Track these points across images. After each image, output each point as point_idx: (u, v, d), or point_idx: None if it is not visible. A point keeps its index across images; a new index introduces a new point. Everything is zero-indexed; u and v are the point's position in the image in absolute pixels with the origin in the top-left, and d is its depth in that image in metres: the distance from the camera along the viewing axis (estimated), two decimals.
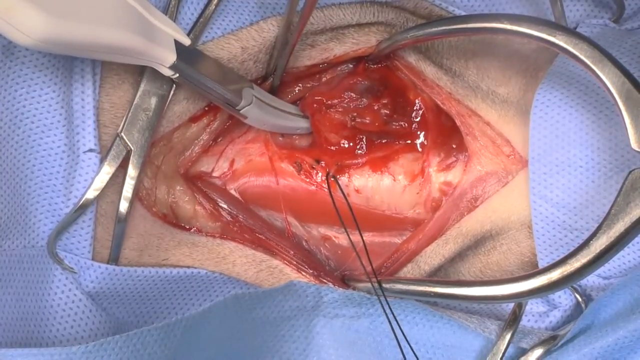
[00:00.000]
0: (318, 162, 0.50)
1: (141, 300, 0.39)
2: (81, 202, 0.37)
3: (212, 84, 0.39)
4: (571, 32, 0.35)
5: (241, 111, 0.41)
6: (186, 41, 0.37)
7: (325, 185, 0.49)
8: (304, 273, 0.44)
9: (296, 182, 0.50)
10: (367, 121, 0.49)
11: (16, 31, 0.27)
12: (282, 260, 0.44)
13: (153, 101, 0.39)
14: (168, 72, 0.37)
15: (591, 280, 0.41)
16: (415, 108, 0.49)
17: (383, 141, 0.50)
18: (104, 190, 0.37)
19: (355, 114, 0.49)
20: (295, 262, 0.44)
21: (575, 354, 0.37)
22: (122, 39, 0.32)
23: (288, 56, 0.42)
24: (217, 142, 0.49)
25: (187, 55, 0.37)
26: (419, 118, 0.49)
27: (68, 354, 0.30)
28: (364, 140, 0.50)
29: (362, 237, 0.43)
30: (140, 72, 0.39)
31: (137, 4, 0.33)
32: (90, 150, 0.37)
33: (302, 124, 0.48)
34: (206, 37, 0.40)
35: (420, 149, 0.50)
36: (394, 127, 0.49)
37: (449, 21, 0.40)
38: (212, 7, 0.40)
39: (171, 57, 0.36)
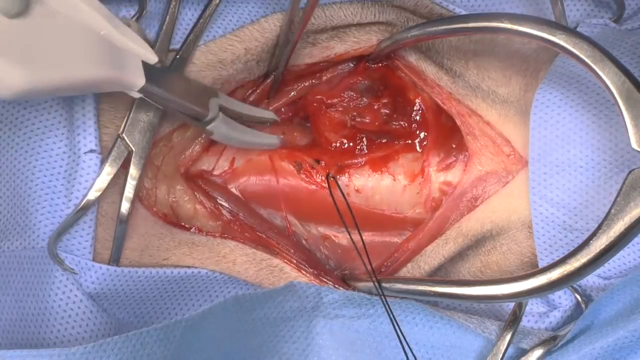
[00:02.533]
0: (318, 162, 0.50)
1: (142, 301, 0.39)
2: (82, 203, 0.37)
3: (178, 100, 0.38)
4: (571, 31, 0.35)
5: (207, 127, 0.41)
6: (153, 59, 0.37)
7: (326, 186, 0.49)
8: (304, 272, 0.44)
9: (296, 181, 0.50)
10: (367, 121, 0.49)
11: None
12: (282, 259, 0.44)
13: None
14: (136, 95, 0.36)
15: (591, 280, 0.41)
16: (415, 108, 0.49)
17: (383, 141, 0.50)
18: (105, 191, 0.37)
19: (355, 114, 0.49)
20: (295, 261, 0.44)
21: (576, 354, 0.37)
22: (95, 75, 0.32)
23: (289, 54, 0.42)
24: (217, 142, 0.48)
25: (154, 74, 0.37)
26: (419, 118, 0.49)
27: (67, 355, 0.30)
28: (364, 139, 0.50)
29: (361, 236, 0.43)
30: None
31: (105, 20, 0.33)
32: (91, 151, 0.37)
33: (269, 140, 0.47)
34: (207, 36, 0.40)
35: (420, 149, 0.50)
36: (394, 126, 0.49)
37: (450, 20, 0.40)
38: (213, 7, 0.40)
39: (140, 81, 0.36)
